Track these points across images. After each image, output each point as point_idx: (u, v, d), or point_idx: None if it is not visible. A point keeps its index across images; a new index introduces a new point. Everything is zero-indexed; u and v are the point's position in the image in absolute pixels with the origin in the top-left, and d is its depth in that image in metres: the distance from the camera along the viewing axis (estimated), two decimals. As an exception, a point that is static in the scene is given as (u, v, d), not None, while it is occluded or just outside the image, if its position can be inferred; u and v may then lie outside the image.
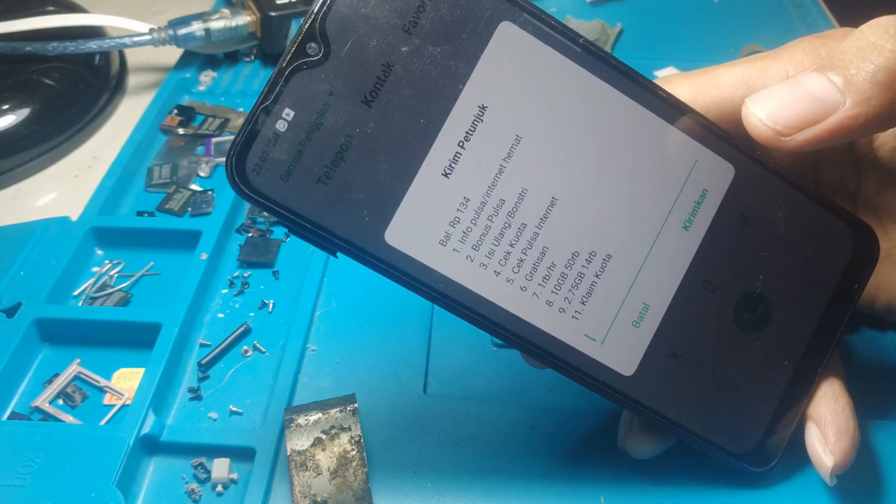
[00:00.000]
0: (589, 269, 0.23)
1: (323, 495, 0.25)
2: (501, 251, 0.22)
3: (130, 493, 0.27)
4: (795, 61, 0.25)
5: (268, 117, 0.21)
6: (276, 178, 0.21)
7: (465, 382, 0.31)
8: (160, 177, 0.40)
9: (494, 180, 0.22)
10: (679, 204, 0.24)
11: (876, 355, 0.32)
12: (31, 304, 0.32)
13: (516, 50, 0.22)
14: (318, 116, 0.21)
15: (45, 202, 0.41)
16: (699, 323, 0.24)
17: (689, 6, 0.55)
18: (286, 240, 0.37)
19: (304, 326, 0.32)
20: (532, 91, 0.22)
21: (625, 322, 0.24)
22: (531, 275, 0.23)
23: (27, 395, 0.31)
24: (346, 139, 0.21)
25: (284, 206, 0.21)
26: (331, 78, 0.21)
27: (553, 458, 0.28)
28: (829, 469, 0.24)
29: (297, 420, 0.27)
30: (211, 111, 0.45)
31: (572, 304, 0.23)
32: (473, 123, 0.22)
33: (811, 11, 0.54)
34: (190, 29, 0.45)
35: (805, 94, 0.21)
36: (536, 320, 0.23)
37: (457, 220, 0.22)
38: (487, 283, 0.22)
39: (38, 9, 0.46)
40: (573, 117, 0.23)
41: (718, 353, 0.25)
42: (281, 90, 0.21)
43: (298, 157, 0.21)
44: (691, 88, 0.25)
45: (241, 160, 0.21)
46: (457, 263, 0.22)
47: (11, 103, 0.42)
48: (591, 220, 0.23)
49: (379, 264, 0.22)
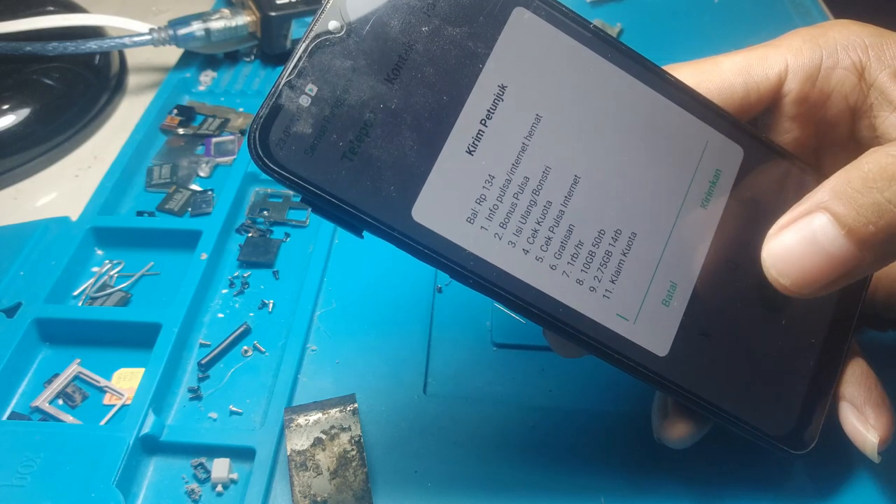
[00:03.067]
0: (616, 247, 0.23)
1: (323, 495, 0.25)
2: (529, 229, 0.22)
3: (130, 493, 0.27)
4: (794, 49, 0.26)
5: (291, 91, 0.21)
6: (301, 153, 0.21)
7: (465, 382, 0.31)
8: (160, 177, 0.40)
9: (518, 158, 0.22)
10: (695, 183, 0.24)
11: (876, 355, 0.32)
12: (31, 304, 0.32)
13: (531, 33, 0.22)
14: (342, 92, 0.21)
15: (45, 202, 0.41)
16: (726, 301, 0.24)
17: (689, 6, 0.55)
18: (286, 240, 0.37)
19: (304, 326, 0.32)
20: (548, 73, 0.23)
21: (655, 301, 0.24)
22: (560, 253, 0.23)
23: (27, 395, 0.31)
24: (370, 115, 0.21)
25: (309, 181, 0.21)
26: (353, 54, 0.21)
27: (553, 459, 0.28)
28: (874, 445, 0.24)
29: (297, 420, 0.27)
30: (211, 111, 0.45)
31: (602, 283, 0.23)
32: (494, 102, 0.22)
33: (811, 11, 0.54)
34: (190, 29, 0.45)
35: (826, 256, 0.22)
36: (569, 300, 0.23)
37: (483, 198, 0.22)
38: (517, 262, 0.22)
39: (38, 9, 0.46)
40: (588, 99, 0.23)
41: (747, 332, 0.25)
42: (304, 65, 0.21)
43: (322, 132, 0.21)
44: (694, 75, 0.26)
45: (265, 134, 0.20)
46: (485, 241, 0.22)
47: (11, 103, 0.42)
48: (614, 199, 0.23)
49: (407, 241, 0.21)
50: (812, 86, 0.26)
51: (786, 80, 0.26)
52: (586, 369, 0.31)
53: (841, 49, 0.25)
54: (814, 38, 0.26)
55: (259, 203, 0.39)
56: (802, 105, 0.26)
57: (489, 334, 0.32)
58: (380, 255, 0.36)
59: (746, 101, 0.26)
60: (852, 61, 0.25)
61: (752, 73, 0.26)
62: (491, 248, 0.22)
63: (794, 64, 0.26)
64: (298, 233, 0.37)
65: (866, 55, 0.25)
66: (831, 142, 0.27)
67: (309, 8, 0.46)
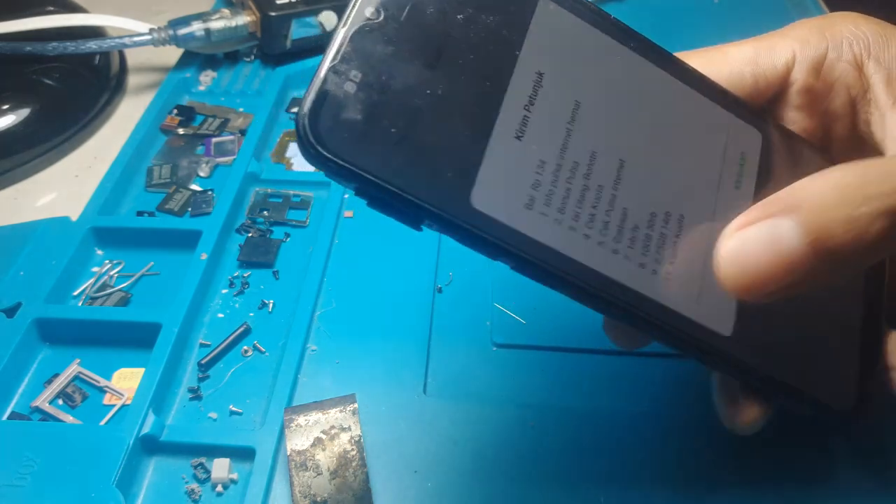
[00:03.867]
0: (668, 229, 0.23)
1: (323, 495, 0.25)
2: (586, 214, 0.22)
3: (130, 493, 0.27)
4: (801, 39, 0.26)
5: (337, 77, 0.20)
6: (354, 141, 0.20)
7: (465, 382, 0.31)
8: (160, 177, 0.40)
9: (565, 143, 0.22)
10: (726, 166, 0.24)
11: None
12: (31, 304, 0.32)
13: (559, 23, 0.23)
14: (387, 77, 0.20)
15: (45, 202, 0.41)
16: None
17: (689, 6, 0.55)
18: (286, 240, 0.37)
19: (304, 326, 0.32)
20: (579, 61, 0.23)
21: (711, 281, 0.23)
22: (619, 236, 0.22)
23: (27, 395, 0.31)
24: (418, 101, 0.21)
25: (366, 170, 0.20)
26: (393, 40, 0.21)
27: (553, 458, 0.28)
28: None
29: (297, 420, 0.27)
30: (211, 111, 0.45)
31: (662, 266, 0.23)
32: (535, 88, 0.22)
33: (811, 11, 0.54)
34: (190, 29, 0.45)
35: (786, 265, 0.21)
36: (634, 283, 0.22)
37: (538, 183, 0.22)
38: (579, 246, 0.22)
39: (38, 9, 0.46)
40: (618, 86, 0.23)
41: (799, 305, 0.25)
42: (347, 51, 0.20)
43: (373, 118, 0.20)
44: (702, 63, 0.26)
45: (315, 122, 0.20)
46: (546, 227, 0.22)
47: (11, 103, 0.42)
48: (659, 182, 0.23)
49: (469, 230, 0.21)
50: (816, 76, 0.26)
51: (792, 70, 0.26)
52: (586, 369, 0.31)
53: (846, 42, 0.25)
54: (820, 30, 0.26)
55: (259, 203, 0.39)
56: (807, 95, 0.26)
57: (489, 334, 0.32)
58: (380, 255, 0.36)
59: (755, 89, 0.26)
60: (854, 55, 0.25)
61: (760, 63, 0.26)
62: (552, 234, 0.22)
63: (801, 54, 0.26)
64: (298, 233, 0.37)
65: (867, 52, 0.25)
66: (836, 133, 0.28)
67: (309, 8, 0.46)
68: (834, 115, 0.27)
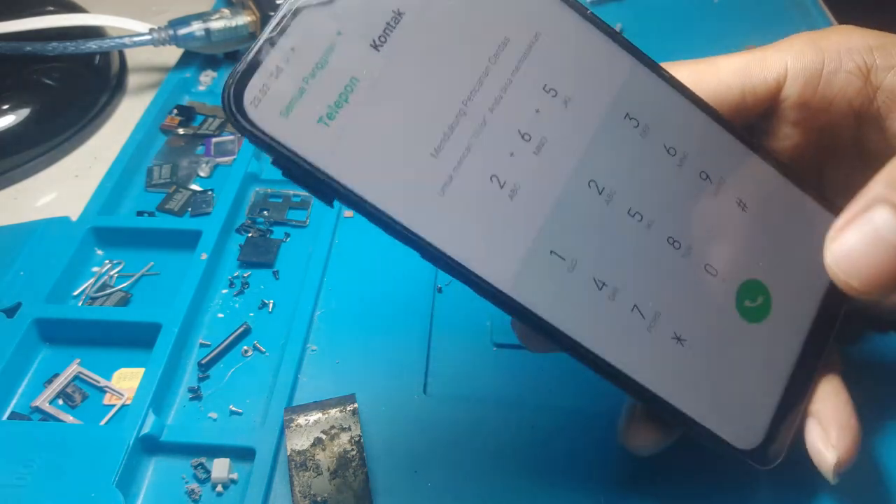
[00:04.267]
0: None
1: (323, 495, 0.25)
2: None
3: (130, 493, 0.27)
4: (795, 52, 0.25)
5: (272, 48, 0.20)
6: (276, 114, 0.20)
7: (465, 382, 0.31)
8: (160, 177, 0.40)
9: (501, 160, 0.22)
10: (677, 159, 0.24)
11: (877, 356, 0.32)
12: (31, 304, 0.32)
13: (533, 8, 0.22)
14: (325, 54, 0.20)
15: (45, 202, 0.41)
16: (702, 307, 0.24)
17: (689, 6, 0.55)
18: (286, 240, 0.37)
19: (304, 326, 0.32)
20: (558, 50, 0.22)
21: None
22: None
23: (27, 395, 0.31)
24: (352, 80, 0.21)
25: (282, 143, 0.20)
26: (339, 17, 0.21)
27: (553, 459, 0.28)
28: (831, 466, 0.23)
29: (297, 420, 0.27)
30: (211, 111, 0.45)
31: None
32: (480, 80, 0.22)
33: (811, 11, 0.54)
34: (190, 29, 0.45)
35: (891, 248, 0.21)
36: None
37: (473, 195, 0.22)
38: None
39: (38, 9, 0.46)
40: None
41: (721, 341, 0.24)
42: (287, 24, 0.20)
43: (300, 93, 0.20)
44: (691, 75, 0.25)
45: (240, 90, 0.20)
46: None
47: (11, 103, 0.42)
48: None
49: (375, 215, 0.21)
50: (813, 91, 0.25)
51: (785, 85, 0.25)
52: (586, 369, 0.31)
53: (844, 52, 0.25)
54: (815, 42, 0.25)
55: (259, 203, 0.39)
56: (803, 110, 0.25)
57: (489, 334, 0.32)
58: (380, 254, 0.36)
59: (743, 104, 0.25)
60: (856, 64, 0.25)
61: (751, 76, 0.25)
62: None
63: (795, 67, 0.25)
64: (298, 233, 0.37)
65: (871, 57, 0.24)
66: (834, 148, 0.27)
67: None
68: (832, 130, 0.26)
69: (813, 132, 0.26)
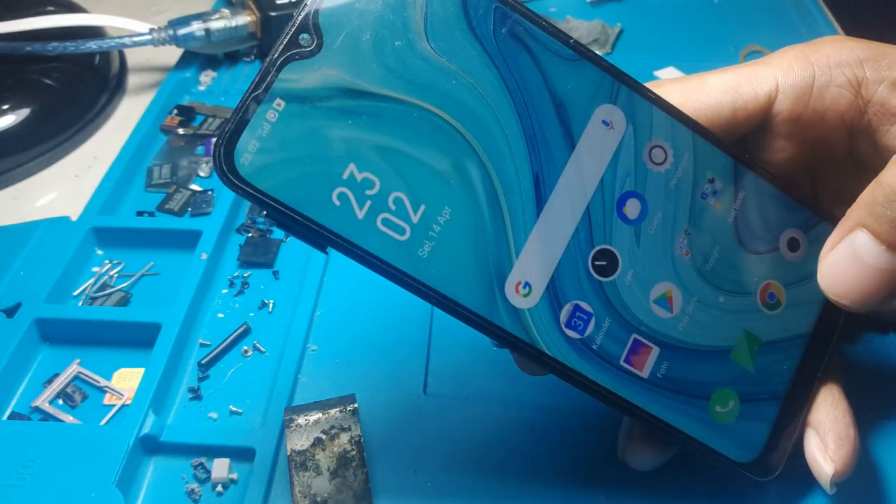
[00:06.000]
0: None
1: (323, 495, 0.25)
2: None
3: (130, 493, 0.27)
4: (785, 68, 0.25)
5: (258, 106, 0.21)
6: (266, 169, 0.20)
7: (465, 382, 0.31)
8: (160, 177, 0.40)
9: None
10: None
11: (877, 357, 0.32)
12: (31, 304, 0.32)
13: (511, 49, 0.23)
14: (310, 108, 0.21)
15: (45, 202, 0.41)
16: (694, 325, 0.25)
17: (689, 6, 0.55)
18: (286, 240, 0.37)
19: (304, 326, 0.32)
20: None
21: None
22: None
23: (27, 395, 0.31)
24: (337, 132, 0.21)
25: (274, 198, 0.21)
26: (323, 70, 0.21)
27: (553, 459, 0.28)
28: (828, 477, 0.24)
29: (297, 420, 0.27)
30: (211, 111, 0.45)
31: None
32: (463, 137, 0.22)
33: (811, 11, 0.54)
34: (190, 29, 0.45)
35: (875, 272, 0.23)
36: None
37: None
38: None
39: (38, 9, 0.46)
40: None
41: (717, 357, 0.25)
42: (272, 80, 0.21)
43: (288, 147, 0.21)
44: (681, 94, 0.26)
45: (230, 150, 0.20)
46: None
47: (11, 103, 0.42)
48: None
49: (369, 259, 0.22)
50: (805, 105, 0.25)
51: (776, 100, 0.25)
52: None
53: (834, 66, 0.25)
54: (805, 56, 0.25)
55: (259, 203, 0.39)
56: (795, 125, 0.26)
57: (489, 334, 0.32)
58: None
59: (734, 121, 0.25)
60: (847, 78, 0.25)
61: (741, 92, 0.25)
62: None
63: (785, 82, 0.25)
64: (298, 233, 0.37)
65: (861, 70, 0.24)
66: (827, 159, 0.27)
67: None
68: (825, 143, 0.26)
69: (806, 145, 0.26)
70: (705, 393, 0.24)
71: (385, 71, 0.21)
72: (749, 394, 0.25)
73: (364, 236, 0.21)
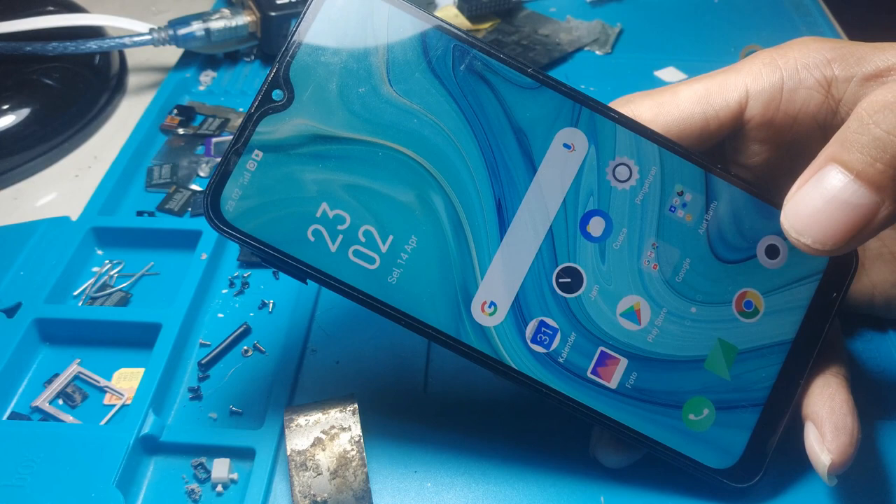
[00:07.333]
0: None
1: (323, 495, 0.25)
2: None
3: (130, 493, 0.27)
4: (754, 73, 0.25)
5: (238, 158, 0.23)
6: (250, 215, 0.23)
7: (465, 382, 0.31)
8: (160, 177, 0.40)
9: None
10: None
11: (877, 356, 0.32)
12: (31, 304, 0.32)
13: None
14: (285, 156, 0.23)
15: (45, 202, 0.41)
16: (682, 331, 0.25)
17: (689, 6, 0.55)
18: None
19: (304, 326, 0.32)
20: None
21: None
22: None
23: (27, 395, 0.31)
24: (313, 176, 0.23)
25: (259, 240, 0.23)
26: (295, 121, 0.23)
27: (553, 458, 0.28)
28: (825, 467, 0.24)
29: (297, 420, 0.27)
30: (211, 111, 0.45)
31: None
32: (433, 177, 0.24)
33: (811, 11, 0.54)
34: (190, 29, 0.45)
35: (842, 205, 0.21)
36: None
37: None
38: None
39: (38, 9, 0.46)
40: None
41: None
42: (250, 134, 0.23)
43: (270, 194, 0.23)
44: (653, 108, 0.26)
45: (216, 199, 0.23)
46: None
47: (11, 103, 0.42)
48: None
49: (346, 290, 0.24)
50: (776, 109, 0.25)
51: (747, 106, 0.25)
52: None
53: (802, 68, 0.25)
54: (773, 61, 0.25)
55: (259, 203, 0.39)
56: (768, 129, 0.26)
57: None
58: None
59: (707, 130, 0.26)
60: (816, 79, 0.25)
61: (712, 101, 0.25)
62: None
63: (755, 88, 0.25)
64: (298, 233, 0.37)
65: (830, 70, 0.24)
66: (804, 159, 0.27)
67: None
68: (800, 145, 0.26)
69: (781, 147, 0.26)
70: (677, 402, 0.25)
71: (351, 116, 0.23)
72: (725, 401, 0.25)
73: (337, 268, 0.23)
